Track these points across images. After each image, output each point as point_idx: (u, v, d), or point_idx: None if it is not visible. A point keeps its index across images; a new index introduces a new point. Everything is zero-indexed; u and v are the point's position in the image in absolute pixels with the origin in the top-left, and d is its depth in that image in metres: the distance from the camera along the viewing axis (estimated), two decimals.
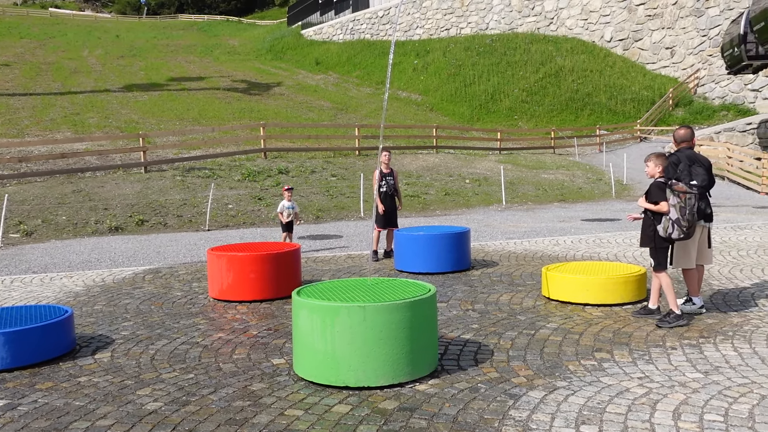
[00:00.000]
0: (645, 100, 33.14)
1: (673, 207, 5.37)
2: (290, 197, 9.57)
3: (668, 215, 5.39)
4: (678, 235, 5.39)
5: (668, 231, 5.41)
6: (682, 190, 5.37)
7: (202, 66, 40.72)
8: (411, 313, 4.31)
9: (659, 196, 5.46)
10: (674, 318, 5.43)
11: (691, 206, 5.37)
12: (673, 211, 5.37)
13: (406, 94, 36.42)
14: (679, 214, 5.35)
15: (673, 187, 5.40)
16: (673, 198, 5.38)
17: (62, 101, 26.26)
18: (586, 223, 13.15)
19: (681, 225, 5.36)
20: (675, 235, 5.39)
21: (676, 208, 5.36)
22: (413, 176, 19.10)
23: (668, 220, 5.40)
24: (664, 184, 5.46)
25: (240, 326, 5.81)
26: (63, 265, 9.40)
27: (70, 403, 4.08)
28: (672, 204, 5.38)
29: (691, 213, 5.37)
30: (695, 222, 5.45)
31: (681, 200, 5.35)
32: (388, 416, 3.77)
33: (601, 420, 3.65)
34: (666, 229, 5.42)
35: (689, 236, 5.45)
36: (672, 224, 5.38)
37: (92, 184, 15.58)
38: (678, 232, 5.38)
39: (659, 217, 5.47)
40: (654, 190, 5.52)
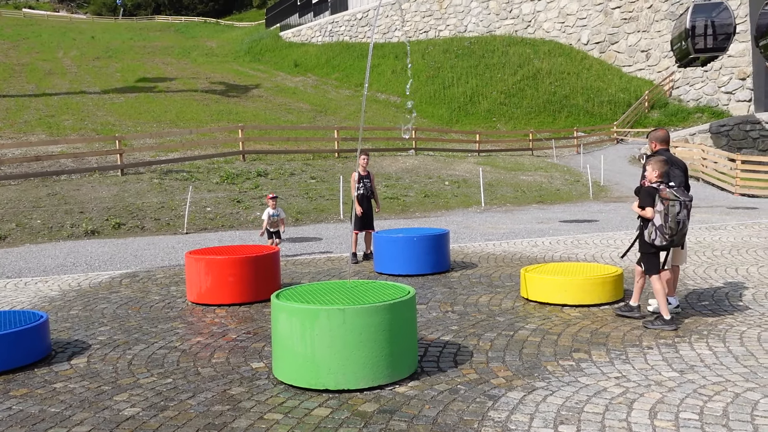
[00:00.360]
0: (621, 102, 33.55)
1: (658, 213, 5.36)
2: (275, 205, 9.28)
3: (653, 221, 5.40)
4: (660, 242, 5.38)
5: (651, 237, 5.42)
6: (667, 197, 5.34)
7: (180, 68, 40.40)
8: (390, 315, 4.31)
9: (647, 201, 5.45)
10: (662, 323, 5.41)
11: (674, 214, 5.32)
12: (657, 217, 5.36)
13: (384, 96, 36.47)
14: (662, 221, 5.34)
15: (660, 193, 5.39)
16: (659, 204, 5.37)
17: (36, 103, 25.89)
18: (564, 224, 13.26)
19: (663, 232, 5.34)
20: (658, 242, 5.39)
21: (661, 215, 5.34)
22: (392, 178, 19.12)
23: (652, 225, 5.41)
24: (655, 190, 5.44)
25: (219, 330, 5.78)
26: (38, 270, 9.26)
27: (45, 410, 4.02)
28: (657, 210, 5.37)
29: (675, 221, 5.32)
30: (680, 230, 5.39)
31: (665, 207, 5.33)
32: (368, 419, 3.78)
33: (579, 420, 3.69)
34: (650, 234, 5.43)
35: (673, 244, 5.45)
36: (655, 230, 5.38)
37: (68, 187, 15.37)
38: (660, 238, 5.36)
39: (647, 223, 5.49)
40: (643, 195, 5.52)
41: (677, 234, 5.38)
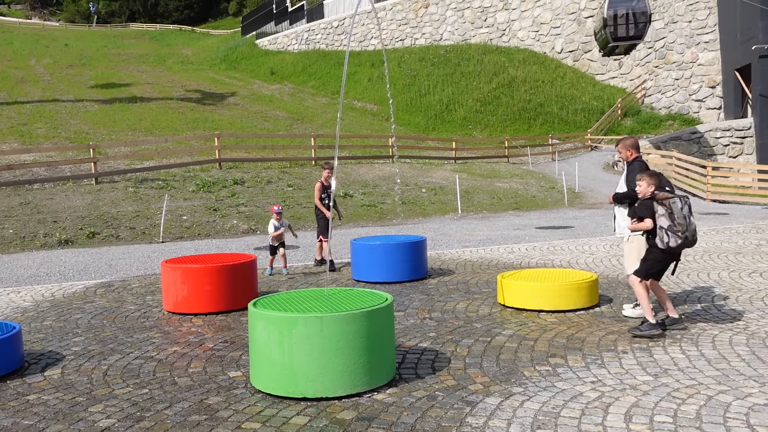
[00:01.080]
0: (595, 110, 34.02)
1: (662, 216, 5.26)
2: (280, 218, 8.83)
3: (659, 226, 5.28)
4: (676, 242, 5.24)
5: (665, 241, 5.26)
6: (665, 198, 5.27)
7: (155, 75, 40.08)
8: (368, 322, 4.32)
9: (646, 213, 5.38)
10: (649, 327, 5.34)
11: (678, 210, 5.24)
12: (663, 220, 5.26)
13: (361, 104, 36.54)
14: (669, 221, 5.23)
15: (657, 197, 5.32)
16: (660, 208, 5.27)
17: (8, 111, 25.50)
18: (539, 231, 13.39)
19: (675, 231, 5.22)
20: (673, 243, 5.24)
21: (666, 216, 5.25)
22: (370, 185, 19.15)
23: (661, 230, 5.27)
24: (651, 199, 5.37)
25: (195, 339, 5.73)
26: (10, 280, 9.11)
27: (18, 422, 3.95)
28: (660, 214, 5.27)
29: (681, 216, 5.24)
30: (689, 224, 5.27)
31: (666, 207, 5.24)
32: (347, 426, 3.78)
33: (555, 424, 3.72)
34: (662, 239, 5.27)
35: (690, 240, 5.28)
36: (666, 233, 5.25)
37: (41, 196, 15.15)
38: (674, 238, 5.23)
39: (653, 233, 5.37)
40: (641, 208, 5.43)
41: (689, 230, 5.25)
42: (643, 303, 5.43)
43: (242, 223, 14.40)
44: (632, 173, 6.09)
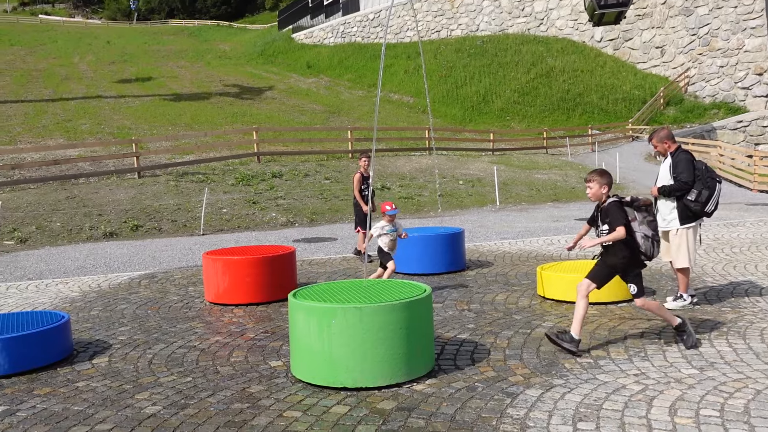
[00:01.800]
0: (636, 99, 33.33)
1: (643, 224, 4.74)
2: (393, 220, 6.83)
3: (644, 235, 4.72)
4: (657, 252, 4.81)
5: (651, 251, 4.75)
6: (648, 203, 4.80)
7: (194, 71, 40.67)
8: (407, 313, 4.33)
9: (620, 219, 4.70)
10: (569, 340, 4.73)
11: (655, 216, 4.88)
12: (645, 228, 4.73)
13: (397, 97, 36.48)
14: (651, 229, 4.74)
15: (638, 203, 4.77)
16: (639, 215, 4.74)
17: (54, 108, 26.19)
18: (579, 222, 13.20)
19: (657, 239, 4.78)
20: (656, 253, 4.79)
21: (647, 224, 4.74)
22: (407, 178, 19.13)
23: (647, 239, 4.72)
24: (622, 203, 4.78)
25: (237, 329, 5.82)
26: (58, 272, 9.38)
27: (68, 408, 4.08)
28: (640, 221, 4.74)
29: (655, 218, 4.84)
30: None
31: (648, 213, 4.78)
32: (387, 416, 3.79)
33: (598, 417, 3.68)
34: (649, 250, 4.74)
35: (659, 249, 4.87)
36: (651, 242, 4.74)
37: (86, 190, 15.54)
38: (656, 249, 4.78)
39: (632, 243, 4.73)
40: (614, 213, 4.73)
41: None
42: (580, 316, 4.76)
43: (281, 216, 14.54)
44: (679, 165, 5.95)
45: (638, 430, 3.49)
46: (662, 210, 6.16)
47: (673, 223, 6.03)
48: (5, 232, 12.44)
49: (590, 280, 4.84)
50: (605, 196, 4.83)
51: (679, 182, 5.92)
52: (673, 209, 6.04)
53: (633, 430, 3.49)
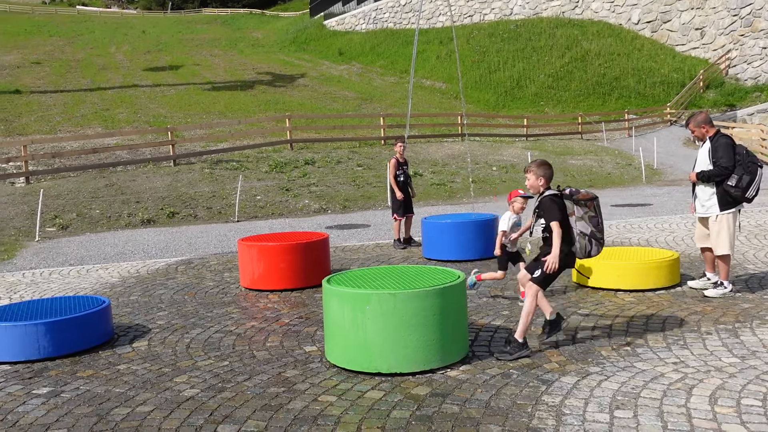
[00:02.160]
0: (675, 82, 32.56)
1: (581, 220, 4.40)
2: (522, 207, 5.95)
3: (580, 231, 4.41)
4: (597, 251, 4.46)
5: (588, 250, 4.43)
6: (588, 198, 4.43)
7: (227, 59, 40.98)
8: (441, 299, 4.32)
9: (555, 214, 4.40)
10: (517, 347, 4.46)
11: (600, 212, 4.48)
12: (583, 224, 4.40)
13: (430, 83, 36.26)
14: (591, 225, 4.41)
15: (577, 196, 4.43)
16: (579, 209, 4.40)
17: (92, 97, 26.67)
18: (616, 208, 13.01)
19: (597, 237, 4.44)
20: (595, 252, 4.45)
21: (587, 220, 4.40)
22: (439, 164, 19.05)
23: (583, 237, 4.40)
24: (560, 196, 4.46)
25: (272, 315, 5.89)
26: (98, 258, 9.59)
27: (110, 390, 4.18)
28: (579, 216, 4.40)
29: (602, 219, 4.50)
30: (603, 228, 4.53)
31: (589, 209, 4.42)
32: (421, 402, 3.80)
33: (635, 405, 3.63)
34: (584, 248, 4.42)
35: (602, 246, 4.51)
36: (588, 240, 4.41)
37: (124, 178, 15.83)
38: (597, 247, 4.45)
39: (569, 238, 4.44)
40: (548, 209, 4.42)
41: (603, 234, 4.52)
42: (525, 320, 4.46)
43: (313, 203, 14.63)
44: (719, 149, 5.81)
45: (677, 418, 3.44)
46: (701, 196, 6.03)
47: (713, 209, 5.90)
48: (47, 219, 12.76)
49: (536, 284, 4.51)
50: (542, 188, 4.53)
51: (719, 167, 5.78)
52: (712, 195, 5.91)
53: (672, 419, 3.44)
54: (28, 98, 25.24)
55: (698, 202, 6.08)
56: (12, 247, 10.79)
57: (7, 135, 19.45)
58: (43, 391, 4.23)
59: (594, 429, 3.36)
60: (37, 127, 20.78)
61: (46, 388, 4.28)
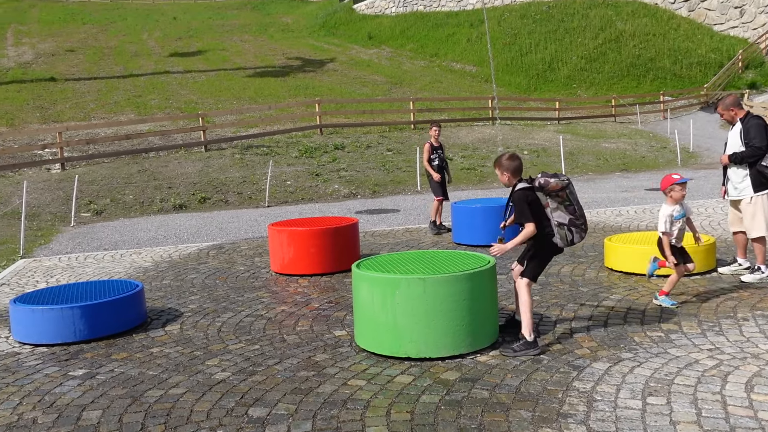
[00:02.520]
0: (712, 63, 31.74)
1: (558, 210, 4.27)
2: (682, 195, 5.14)
3: (557, 222, 4.27)
4: (580, 236, 4.33)
5: (569, 239, 4.30)
6: (558, 188, 4.23)
7: (257, 44, 41.12)
8: (471, 284, 4.29)
9: (525, 212, 4.26)
10: (525, 347, 4.28)
11: (575, 197, 4.31)
12: (560, 214, 4.27)
13: (460, 66, 35.92)
14: (569, 214, 4.27)
15: (548, 187, 4.25)
16: (552, 200, 4.28)
17: (125, 84, 27.02)
18: (650, 192, 12.78)
19: (577, 224, 4.29)
20: (577, 239, 4.32)
21: (562, 209, 4.27)
22: (469, 148, 18.91)
23: (562, 227, 4.27)
24: (531, 189, 4.29)
25: (302, 299, 5.93)
26: (132, 242, 9.76)
27: (144, 373, 4.26)
28: (553, 207, 4.28)
29: (578, 204, 4.31)
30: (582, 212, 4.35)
31: (563, 198, 4.26)
32: (451, 386, 3.79)
33: (669, 392, 3.57)
34: (565, 238, 4.29)
35: (586, 231, 4.38)
36: (567, 229, 4.28)
37: (156, 164, 16.04)
38: (578, 234, 4.31)
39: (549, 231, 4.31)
40: (520, 204, 4.27)
41: (585, 220, 4.35)
42: (526, 315, 4.34)
43: (343, 188, 14.65)
44: (751, 130, 5.68)
45: (712, 406, 3.38)
46: (733, 178, 5.92)
47: (746, 191, 5.78)
48: (82, 205, 13.01)
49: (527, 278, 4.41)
50: (513, 181, 4.36)
51: (752, 148, 5.66)
52: (745, 177, 5.79)
53: (706, 406, 3.37)
54: (63, 86, 25.68)
55: (731, 185, 5.96)
56: (48, 232, 11.03)
57: (43, 122, 19.84)
58: (79, 373, 4.32)
59: (626, 416, 3.32)
60: (71, 114, 21.15)
61: (81, 370, 4.37)
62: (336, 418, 3.45)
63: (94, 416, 3.62)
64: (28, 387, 4.11)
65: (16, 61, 30.04)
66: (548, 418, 3.34)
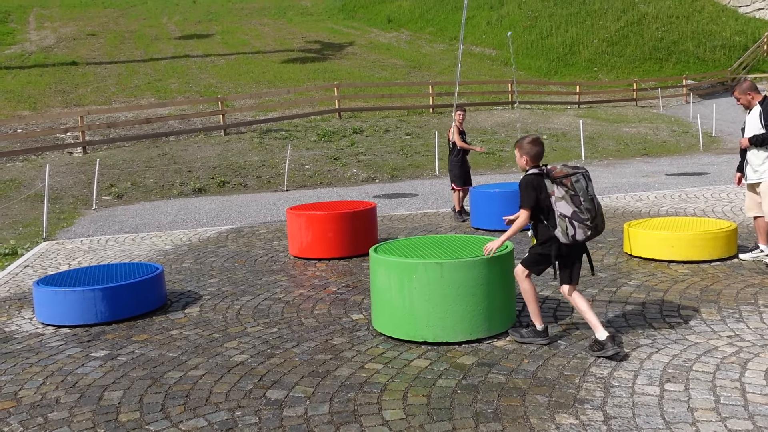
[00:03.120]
0: (737, 46, 31.16)
1: (562, 200, 3.87)
2: None
3: (560, 213, 3.90)
4: (585, 233, 3.87)
5: (570, 233, 3.88)
6: (563, 174, 3.87)
7: (276, 28, 41.06)
8: (488, 269, 4.29)
9: (525, 198, 4.04)
10: (533, 334, 4.20)
11: (583, 189, 3.85)
12: (564, 204, 3.87)
13: (479, 49, 35.60)
14: (573, 206, 3.85)
15: (552, 174, 3.92)
16: (558, 189, 3.89)
17: (145, 68, 27.16)
18: (671, 177, 12.63)
19: (581, 218, 3.85)
20: (581, 235, 3.87)
21: (567, 200, 3.85)
22: (488, 133, 18.79)
23: (563, 219, 3.88)
24: (540, 175, 4.01)
25: (320, 283, 5.96)
26: (152, 226, 9.86)
27: (164, 354, 4.32)
28: (558, 197, 3.89)
29: (588, 198, 3.85)
30: (597, 208, 3.90)
31: (568, 187, 3.85)
32: (467, 371, 3.81)
33: (687, 378, 3.55)
34: (565, 231, 3.89)
35: (600, 228, 3.95)
36: (569, 222, 3.87)
37: (176, 148, 16.15)
38: (582, 229, 3.86)
39: (552, 221, 3.98)
40: (523, 189, 4.04)
41: (597, 214, 3.90)
42: (530, 305, 4.21)
43: (361, 172, 14.65)
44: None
45: (731, 393, 3.35)
46: (752, 161, 5.85)
47: (767, 173, 5.71)
48: (103, 188, 13.15)
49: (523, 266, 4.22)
50: (527, 166, 4.12)
51: None
52: (766, 159, 5.74)
53: (725, 393, 3.35)
54: (84, 70, 25.88)
55: (749, 168, 5.90)
56: (71, 215, 11.18)
57: (65, 106, 20.03)
58: (101, 354, 4.39)
59: (643, 402, 3.31)
60: (93, 98, 21.32)
61: (103, 351, 4.45)
62: (353, 401, 3.48)
63: (115, 396, 3.69)
64: (51, 367, 4.20)
65: (38, 45, 30.30)
66: (565, 403, 3.34)
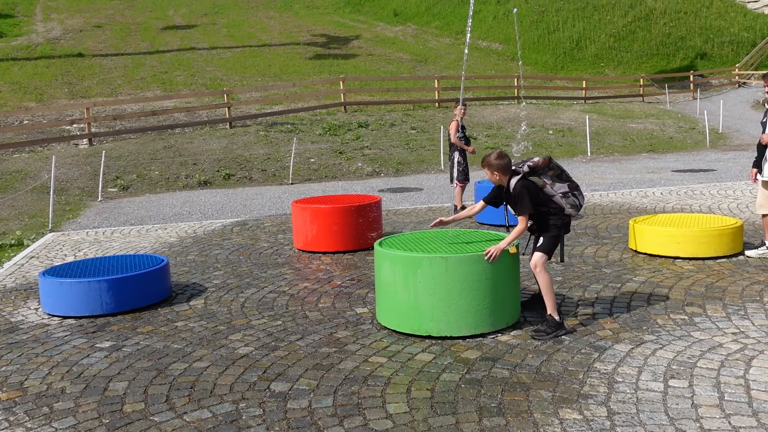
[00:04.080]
0: (745, 42, 30.99)
1: (556, 183, 4.35)
2: None
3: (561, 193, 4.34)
4: (583, 199, 4.47)
5: (577, 203, 4.39)
6: (546, 163, 4.33)
7: (282, 21, 41.00)
8: (493, 264, 4.28)
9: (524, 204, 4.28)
10: (554, 327, 4.25)
11: (559, 165, 4.43)
12: (559, 185, 4.35)
13: (486, 44, 35.49)
14: (565, 181, 4.40)
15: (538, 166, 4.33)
16: (547, 178, 4.34)
17: (151, 60, 27.16)
18: (677, 174, 12.58)
19: (574, 185, 4.43)
20: (582, 201, 4.44)
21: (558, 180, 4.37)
22: (494, 127, 18.75)
23: (567, 196, 4.35)
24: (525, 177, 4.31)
25: (324, 276, 5.97)
26: (158, 218, 9.88)
27: (169, 346, 4.34)
28: (550, 183, 4.33)
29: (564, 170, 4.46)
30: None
31: (554, 170, 4.36)
32: (471, 365, 3.81)
33: (691, 375, 3.55)
34: (574, 204, 4.38)
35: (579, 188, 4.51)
36: (572, 194, 4.37)
37: (181, 140, 16.16)
38: (581, 195, 4.44)
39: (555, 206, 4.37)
40: (522, 196, 4.27)
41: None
42: (548, 294, 4.29)
43: (366, 166, 14.64)
44: None
45: (735, 389, 3.35)
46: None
47: None
48: (109, 180, 13.18)
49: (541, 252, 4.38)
50: (506, 178, 4.37)
51: None
52: None
53: (729, 390, 3.35)
54: (91, 62, 25.90)
55: (767, 165, 5.85)
56: (76, 207, 11.22)
57: (71, 98, 20.07)
58: (106, 345, 4.41)
59: (647, 398, 3.31)
60: (99, 90, 21.35)
61: (108, 342, 4.47)
62: (357, 394, 3.49)
63: (120, 387, 3.71)
64: (56, 358, 4.22)
65: (45, 37, 30.34)
66: (569, 398, 3.34)
